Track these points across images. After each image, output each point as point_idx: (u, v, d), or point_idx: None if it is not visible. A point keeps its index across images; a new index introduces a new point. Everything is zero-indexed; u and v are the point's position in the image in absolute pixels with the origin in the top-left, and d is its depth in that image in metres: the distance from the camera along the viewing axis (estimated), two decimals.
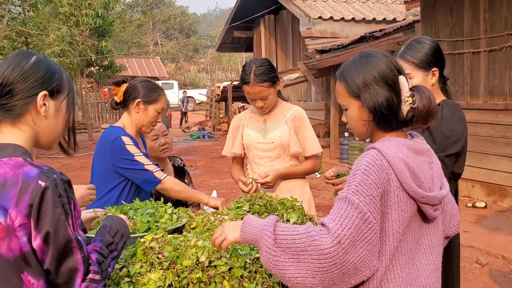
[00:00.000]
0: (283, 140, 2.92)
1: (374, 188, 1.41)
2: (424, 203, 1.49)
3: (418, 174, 1.48)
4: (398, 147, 1.49)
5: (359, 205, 1.38)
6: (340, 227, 1.36)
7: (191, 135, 18.09)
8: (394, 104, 1.51)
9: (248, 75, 2.80)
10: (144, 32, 49.43)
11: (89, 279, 1.36)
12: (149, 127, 2.74)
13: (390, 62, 1.55)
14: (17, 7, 13.02)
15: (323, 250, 1.35)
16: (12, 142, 1.38)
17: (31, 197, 1.28)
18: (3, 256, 1.29)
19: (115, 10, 23.16)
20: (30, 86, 1.38)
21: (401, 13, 12.50)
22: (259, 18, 16.10)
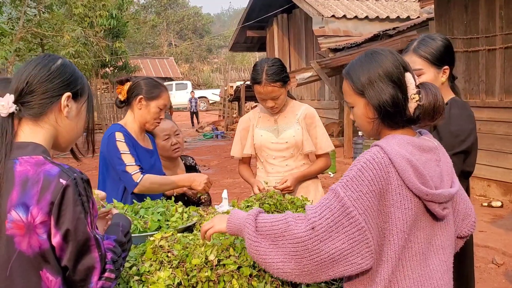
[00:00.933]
0: (297, 139, 2.91)
1: (367, 185, 1.40)
2: (430, 201, 1.47)
3: (422, 172, 1.45)
4: (402, 145, 1.48)
5: (343, 198, 1.40)
6: (318, 216, 1.41)
7: (204, 135, 18.14)
8: (399, 101, 1.50)
9: (260, 74, 2.79)
10: (158, 32, 49.70)
11: (105, 277, 1.38)
12: (152, 124, 2.74)
13: (395, 59, 1.53)
14: (32, 9, 13.19)
15: (296, 235, 1.41)
16: (32, 140, 1.41)
17: (52, 195, 1.30)
18: (24, 253, 1.32)
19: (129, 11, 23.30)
20: (56, 87, 1.44)
21: (415, 11, 12.39)
22: (272, 17, 16.08)
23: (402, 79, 1.51)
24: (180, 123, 24.85)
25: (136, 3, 44.43)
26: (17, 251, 1.32)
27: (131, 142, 2.65)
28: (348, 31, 11.96)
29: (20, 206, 1.31)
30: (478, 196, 6.85)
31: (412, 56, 2.24)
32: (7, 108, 1.39)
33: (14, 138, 1.40)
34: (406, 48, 2.30)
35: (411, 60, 2.22)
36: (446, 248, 1.57)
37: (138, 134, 2.75)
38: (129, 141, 2.64)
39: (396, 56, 1.55)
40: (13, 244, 1.32)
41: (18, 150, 1.38)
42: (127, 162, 2.56)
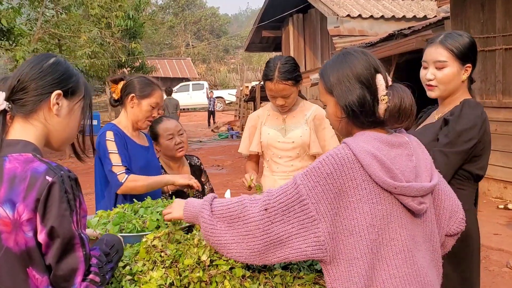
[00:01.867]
0: (304, 139, 2.87)
1: (324, 178, 1.43)
2: (400, 194, 1.46)
3: (389, 166, 1.45)
4: (369, 141, 1.49)
5: (299, 185, 1.44)
6: (273, 198, 1.46)
7: (220, 135, 18.19)
8: (366, 102, 1.50)
9: (273, 71, 2.75)
10: (176, 33, 49.98)
11: (89, 279, 1.36)
12: (144, 122, 2.75)
13: (366, 60, 1.55)
14: (50, 10, 13.37)
15: (250, 215, 1.47)
16: (23, 137, 1.42)
17: (38, 191, 1.31)
18: (11, 250, 1.32)
19: (146, 12, 23.49)
20: (46, 84, 1.44)
21: (432, 10, 12.21)
22: (287, 17, 16.03)
23: (371, 81, 1.52)
24: (195, 123, 24.99)
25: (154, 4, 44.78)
26: (4, 247, 1.32)
27: (123, 141, 2.66)
28: (363, 30, 11.85)
29: (7, 203, 1.31)
30: (494, 198, 6.71)
31: (438, 47, 2.21)
32: None
33: (4, 136, 1.41)
34: (431, 40, 2.28)
35: (436, 51, 2.20)
36: (426, 243, 1.56)
37: (132, 132, 2.77)
38: (120, 140, 2.64)
39: (368, 57, 1.56)
40: (0, 241, 1.32)
41: (8, 147, 1.39)
42: (114, 162, 2.57)
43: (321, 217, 1.42)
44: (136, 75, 2.85)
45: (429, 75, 2.22)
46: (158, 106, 2.76)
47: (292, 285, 1.68)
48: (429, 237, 1.58)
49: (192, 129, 21.65)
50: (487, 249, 4.89)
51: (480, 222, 2.31)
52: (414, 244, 1.51)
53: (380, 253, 1.45)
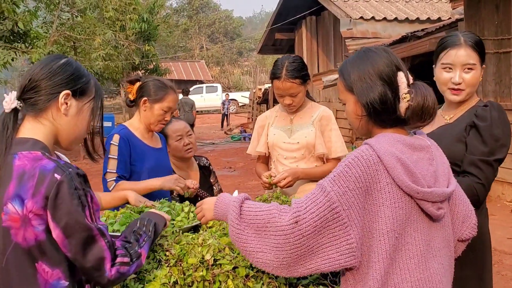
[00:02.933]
0: (308, 140, 2.86)
1: (353, 182, 1.39)
2: (422, 200, 1.43)
3: (413, 170, 1.42)
4: (392, 143, 1.46)
5: (329, 193, 1.38)
6: (303, 209, 1.39)
7: (232, 137, 18.23)
8: (388, 100, 1.48)
9: (280, 70, 2.76)
10: (190, 36, 50.25)
11: (118, 262, 1.42)
12: (157, 125, 2.75)
13: (388, 57, 1.52)
14: (65, 13, 13.55)
15: (279, 227, 1.39)
16: (32, 136, 1.46)
17: (47, 189, 1.34)
18: (19, 245, 1.36)
19: (160, 15, 23.66)
20: (55, 84, 1.48)
21: (446, 12, 12.10)
22: (300, 19, 16.01)
23: (393, 78, 1.50)
24: (209, 125, 25.07)
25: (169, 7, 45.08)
26: (13, 242, 1.35)
27: (128, 146, 2.66)
28: (376, 32, 11.77)
29: (16, 199, 1.34)
30: (509, 202, 6.61)
31: (467, 49, 2.12)
32: (10, 103, 1.45)
33: (14, 134, 1.45)
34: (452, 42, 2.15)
35: (467, 53, 2.11)
36: (442, 249, 1.53)
37: (144, 134, 2.77)
38: (125, 145, 2.65)
39: (389, 55, 1.53)
40: (9, 236, 1.36)
41: (18, 145, 1.43)
42: (109, 168, 2.60)
43: (352, 223, 1.39)
44: (151, 77, 2.85)
45: (458, 79, 2.12)
46: (170, 110, 2.75)
47: (295, 285, 1.68)
48: (447, 242, 1.56)
49: (205, 131, 21.73)
50: (500, 254, 4.83)
51: (494, 226, 2.30)
52: (429, 249, 1.48)
53: (395, 257, 1.43)
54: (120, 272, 1.43)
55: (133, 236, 1.54)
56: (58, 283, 1.39)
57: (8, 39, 11.79)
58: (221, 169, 11.21)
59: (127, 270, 1.44)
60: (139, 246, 1.52)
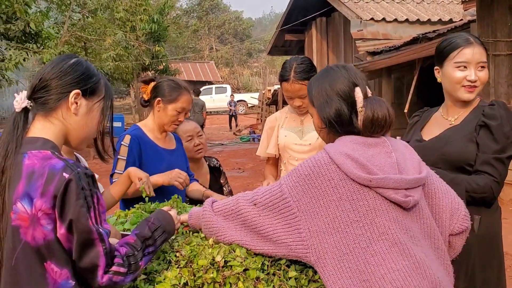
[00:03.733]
0: (320, 142, 2.84)
1: (303, 179, 1.56)
2: (378, 187, 1.51)
3: (364, 163, 1.53)
4: (345, 144, 1.60)
5: (282, 185, 1.59)
6: (260, 195, 1.63)
7: (241, 138, 18.23)
8: (343, 114, 1.63)
9: (288, 72, 2.75)
10: (200, 37, 50.37)
11: (113, 271, 1.39)
12: (170, 126, 2.74)
13: (346, 74, 1.68)
14: (77, 13, 13.64)
15: (242, 208, 1.65)
16: (42, 135, 1.46)
17: (56, 188, 1.34)
18: (28, 244, 1.36)
19: (170, 16, 23.74)
20: (65, 83, 1.48)
21: (458, 14, 12.01)
22: (310, 20, 15.97)
23: (349, 94, 1.64)
24: (218, 126, 25.09)
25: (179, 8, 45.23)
26: (22, 242, 1.35)
27: (138, 147, 2.64)
28: (387, 34, 11.71)
29: (25, 198, 1.34)
30: None
31: (480, 47, 2.17)
32: (20, 103, 1.45)
33: (25, 133, 1.45)
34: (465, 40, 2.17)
35: (479, 51, 2.16)
36: (422, 240, 1.57)
37: (157, 135, 2.76)
38: (135, 146, 2.63)
39: (348, 72, 1.69)
40: (19, 235, 1.36)
41: (28, 144, 1.43)
42: (117, 168, 2.59)
43: (301, 214, 1.54)
44: (166, 77, 2.83)
45: (474, 76, 2.15)
46: (184, 111, 2.73)
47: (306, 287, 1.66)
48: (428, 234, 1.61)
49: (214, 132, 21.75)
50: None
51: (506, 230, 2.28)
52: (410, 238, 1.53)
53: (372, 248, 1.49)
54: (113, 281, 1.40)
55: (142, 244, 1.51)
56: (66, 283, 1.38)
57: (20, 40, 11.90)
58: (230, 170, 11.20)
59: (121, 280, 1.42)
60: (142, 257, 1.49)
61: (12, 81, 12.77)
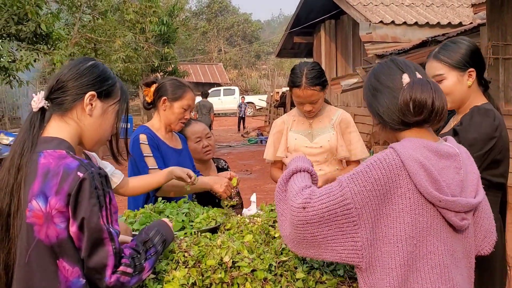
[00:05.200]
0: (331, 144, 2.87)
1: (371, 183, 1.39)
2: (444, 208, 1.41)
3: (437, 177, 1.40)
4: (418, 148, 1.45)
5: (345, 188, 1.39)
6: (315, 198, 1.40)
7: (249, 140, 18.25)
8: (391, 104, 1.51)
9: (300, 78, 2.76)
10: (209, 39, 50.49)
11: (120, 271, 1.42)
12: (177, 124, 2.78)
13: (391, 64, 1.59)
14: (87, 15, 13.75)
15: (291, 206, 1.42)
16: (58, 135, 1.49)
17: (70, 186, 1.37)
18: (42, 241, 1.38)
19: (180, 18, 23.85)
20: (81, 85, 1.52)
21: (467, 17, 11.95)
22: (319, 23, 15.98)
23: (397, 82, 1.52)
24: (226, 128, 25.14)
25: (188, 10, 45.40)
26: (36, 239, 1.38)
27: (155, 144, 2.69)
28: (396, 37, 11.68)
29: (40, 196, 1.37)
30: None
31: (432, 62, 2.19)
32: (38, 103, 1.49)
33: (41, 132, 1.48)
34: (428, 56, 2.25)
35: (431, 65, 2.18)
36: (462, 260, 1.51)
37: (164, 134, 2.80)
38: (153, 143, 2.68)
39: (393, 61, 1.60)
40: (33, 232, 1.38)
41: (44, 144, 1.46)
42: (150, 165, 2.61)
43: (362, 222, 1.39)
44: (167, 78, 2.89)
45: None
46: (190, 108, 2.79)
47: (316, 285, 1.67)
48: (467, 253, 1.54)
49: (222, 134, 21.79)
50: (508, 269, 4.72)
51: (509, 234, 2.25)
52: (453, 260, 1.47)
53: (415, 266, 1.42)
54: (121, 281, 1.42)
55: (143, 247, 1.54)
56: (77, 281, 1.41)
57: (31, 41, 12.00)
58: (238, 172, 11.22)
59: (128, 281, 1.44)
60: (145, 259, 1.51)
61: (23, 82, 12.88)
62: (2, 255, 1.42)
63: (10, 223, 1.40)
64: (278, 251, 1.81)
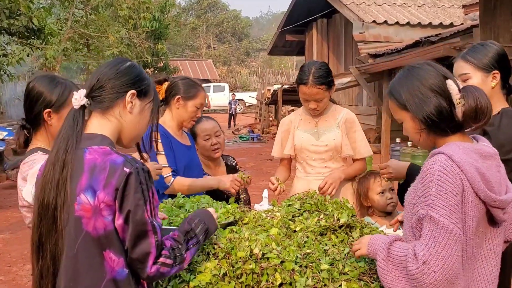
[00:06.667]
0: (336, 143, 2.96)
1: (452, 197, 1.46)
2: (495, 207, 1.51)
3: (488, 178, 1.50)
4: (467, 152, 1.53)
5: (439, 219, 1.45)
6: (426, 248, 1.45)
7: (241, 137, 18.29)
8: (444, 109, 1.56)
9: (307, 75, 2.85)
10: (198, 35, 50.39)
11: (160, 262, 1.49)
12: (189, 122, 2.87)
13: (433, 69, 1.60)
14: (80, 10, 13.67)
15: (411, 272, 1.47)
16: (100, 132, 1.56)
17: (117, 181, 1.44)
18: (89, 234, 1.45)
19: (171, 14, 23.78)
20: (123, 84, 1.59)
21: (458, 18, 12.16)
22: (311, 22, 16.09)
23: (443, 87, 1.57)
24: None
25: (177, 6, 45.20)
26: (84, 231, 1.45)
27: (168, 141, 2.76)
28: (389, 37, 11.84)
29: (89, 190, 1.44)
30: None
31: (459, 62, 2.30)
32: (79, 100, 1.55)
33: (84, 129, 1.55)
34: (457, 56, 2.35)
35: (458, 65, 2.29)
36: (498, 252, 1.61)
37: (176, 131, 2.87)
38: (166, 140, 2.75)
39: (433, 67, 1.61)
40: (81, 225, 1.45)
41: (88, 140, 1.53)
42: (161, 163, 2.68)
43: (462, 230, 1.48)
44: (179, 77, 2.96)
45: None
46: (202, 107, 2.87)
47: (337, 280, 1.76)
48: (501, 245, 1.65)
49: None
50: None
51: None
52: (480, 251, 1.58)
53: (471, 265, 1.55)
54: (160, 271, 1.49)
55: (184, 238, 1.61)
56: (122, 270, 1.48)
57: (22, 35, 11.91)
58: None
59: (167, 272, 1.51)
60: (186, 250, 1.59)
61: (14, 77, 12.78)
62: (49, 246, 1.48)
63: (57, 216, 1.47)
64: (301, 244, 1.90)
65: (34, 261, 1.52)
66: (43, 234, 1.49)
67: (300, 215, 2.18)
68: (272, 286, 1.68)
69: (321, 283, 1.73)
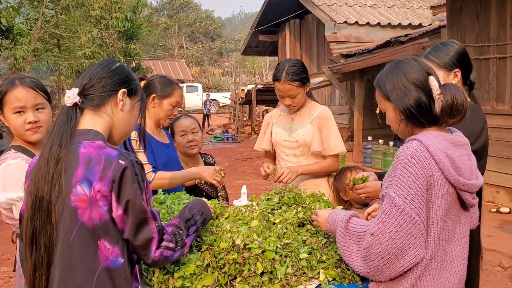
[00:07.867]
0: (306, 139, 3.03)
1: (413, 180, 1.57)
2: (464, 191, 1.63)
3: (458, 164, 1.62)
4: (439, 140, 1.64)
5: (394, 198, 1.57)
6: (376, 222, 1.60)
7: (215, 137, 18.31)
8: (423, 103, 1.67)
9: (281, 72, 2.94)
10: (170, 35, 50.05)
11: (163, 246, 1.58)
12: (166, 120, 2.90)
13: (418, 65, 1.71)
14: (50, 10, 13.44)
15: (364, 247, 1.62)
16: (93, 127, 1.63)
17: (113, 173, 1.51)
18: (85, 224, 1.51)
19: (143, 14, 23.59)
20: (114, 83, 1.67)
21: (427, 19, 12.48)
22: (284, 22, 16.23)
23: (425, 83, 1.68)
24: None
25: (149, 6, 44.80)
26: (79, 222, 1.50)
27: (146, 139, 2.78)
28: (360, 37, 12.07)
29: (84, 182, 1.50)
30: (487, 202, 6.93)
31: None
32: (72, 99, 1.62)
33: (76, 125, 1.61)
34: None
35: None
36: (467, 236, 1.74)
37: (153, 130, 2.91)
38: (150, 139, 2.78)
39: (419, 63, 1.72)
40: (76, 216, 1.51)
41: (81, 135, 1.59)
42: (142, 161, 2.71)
43: (421, 217, 1.58)
44: (156, 75, 2.99)
45: None
46: (178, 105, 2.90)
47: (316, 268, 1.85)
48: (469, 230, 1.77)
49: None
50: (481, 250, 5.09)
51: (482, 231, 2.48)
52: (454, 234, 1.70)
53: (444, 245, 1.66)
54: (164, 255, 1.57)
55: (185, 225, 1.71)
56: (116, 259, 1.53)
57: None
58: None
59: (171, 255, 1.59)
60: (187, 235, 1.68)
61: None
62: (43, 239, 1.53)
63: (51, 209, 1.51)
64: (280, 235, 1.98)
65: (27, 254, 1.56)
66: (37, 227, 1.53)
67: (279, 208, 2.26)
68: (254, 275, 1.75)
69: (300, 271, 1.82)
